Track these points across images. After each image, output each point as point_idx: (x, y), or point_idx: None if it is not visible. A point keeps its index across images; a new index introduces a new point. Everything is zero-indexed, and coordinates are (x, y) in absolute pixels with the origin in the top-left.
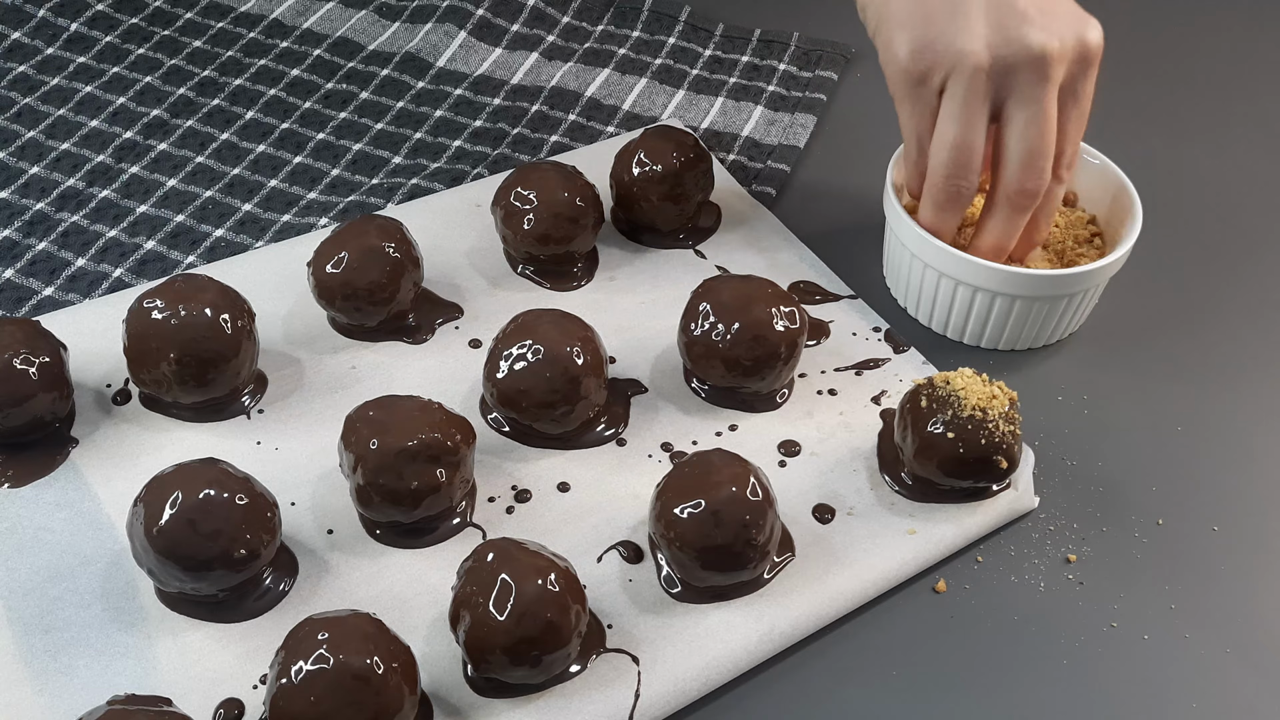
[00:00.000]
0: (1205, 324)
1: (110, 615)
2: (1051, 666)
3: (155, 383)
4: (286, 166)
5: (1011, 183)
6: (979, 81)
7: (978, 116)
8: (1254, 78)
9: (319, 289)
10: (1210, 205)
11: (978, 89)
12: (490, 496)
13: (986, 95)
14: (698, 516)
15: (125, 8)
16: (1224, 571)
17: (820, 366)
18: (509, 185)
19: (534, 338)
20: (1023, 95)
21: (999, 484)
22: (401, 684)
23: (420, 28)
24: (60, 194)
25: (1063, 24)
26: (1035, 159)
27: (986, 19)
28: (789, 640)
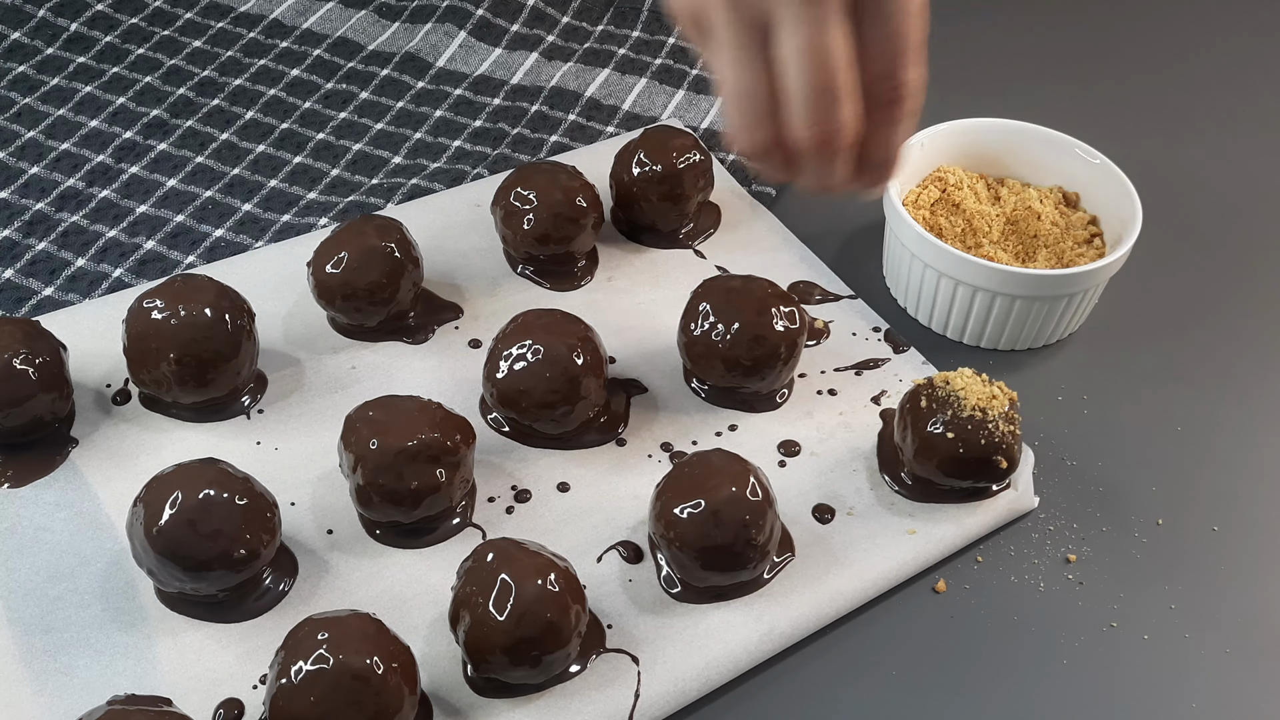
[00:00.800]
0: (1205, 324)
1: (110, 615)
2: (1051, 666)
3: (155, 383)
4: (286, 166)
5: (794, 129)
6: (730, 12)
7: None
8: (1254, 78)
9: (319, 289)
10: (1210, 205)
11: (733, 21)
12: (490, 496)
13: (751, 26)
14: (698, 516)
15: (125, 8)
16: (1224, 571)
17: (820, 366)
18: (509, 185)
19: (534, 338)
20: (786, 21)
21: (999, 484)
22: (401, 684)
23: (420, 28)
24: (60, 194)
25: None
26: (810, 99)
27: None
28: (789, 640)
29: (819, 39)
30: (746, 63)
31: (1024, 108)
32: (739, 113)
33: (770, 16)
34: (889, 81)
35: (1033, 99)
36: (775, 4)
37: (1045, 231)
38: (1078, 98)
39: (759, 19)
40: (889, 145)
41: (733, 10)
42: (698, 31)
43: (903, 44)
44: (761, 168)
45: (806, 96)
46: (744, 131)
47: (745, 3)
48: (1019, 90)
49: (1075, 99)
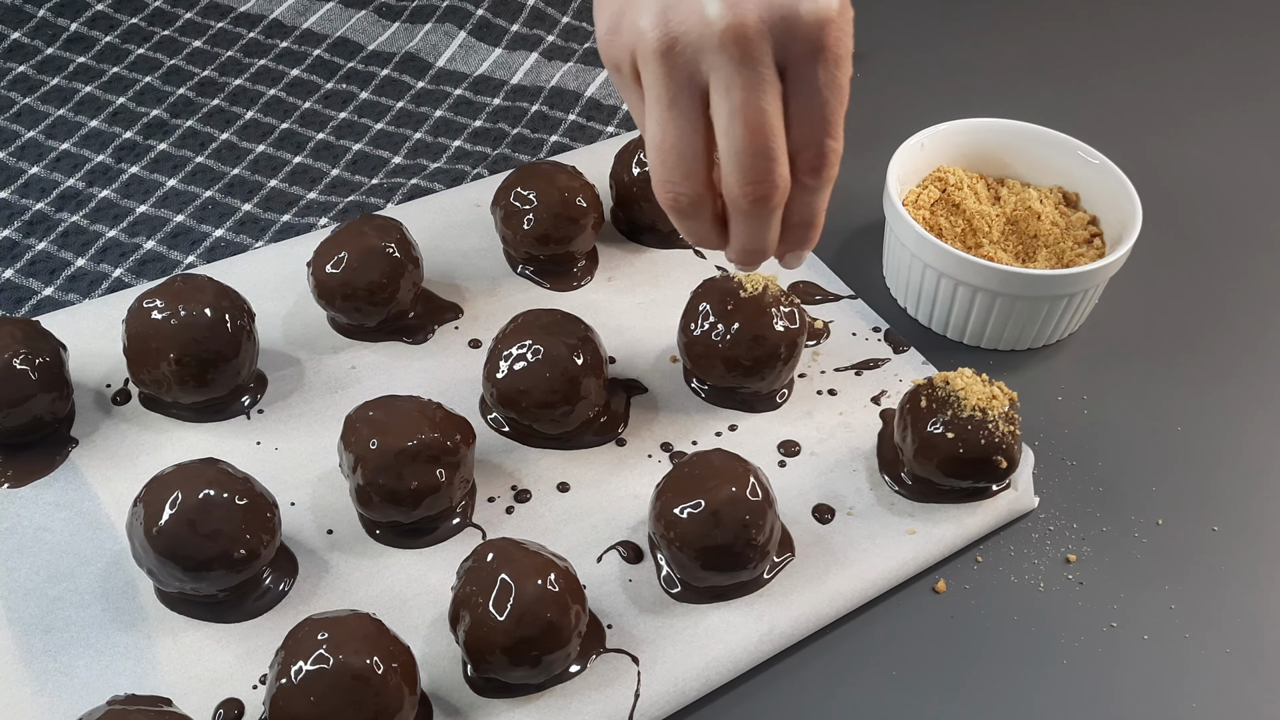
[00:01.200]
0: (1205, 324)
1: (110, 615)
2: (1051, 666)
3: (155, 383)
4: (286, 166)
5: (730, 187)
6: (662, 68)
7: (672, 110)
8: (1254, 78)
9: (319, 289)
10: (1210, 205)
11: (664, 77)
12: (490, 496)
13: (683, 83)
14: (698, 516)
15: (125, 8)
16: (1224, 571)
17: (820, 366)
18: (509, 185)
19: (534, 338)
20: (719, 82)
21: (999, 484)
22: (401, 684)
23: (420, 28)
24: (60, 194)
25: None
26: (746, 159)
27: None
28: (789, 640)
29: (755, 103)
30: (675, 119)
31: (1024, 108)
32: (666, 166)
33: (704, 76)
34: (813, 150)
35: (1033, 99)
36: (709, 65)
37: (1045, 231)
38: (1078, 98)
39: (694, 77)
40: (810, 209)
41: (667, 66)
42: (628, 82)
43: (829, 115)
44: (685, 226)
45: (742, 157)
46: (668, 185)
47: (680, 61)
48: (1019, 90)
49: (1075, 99)
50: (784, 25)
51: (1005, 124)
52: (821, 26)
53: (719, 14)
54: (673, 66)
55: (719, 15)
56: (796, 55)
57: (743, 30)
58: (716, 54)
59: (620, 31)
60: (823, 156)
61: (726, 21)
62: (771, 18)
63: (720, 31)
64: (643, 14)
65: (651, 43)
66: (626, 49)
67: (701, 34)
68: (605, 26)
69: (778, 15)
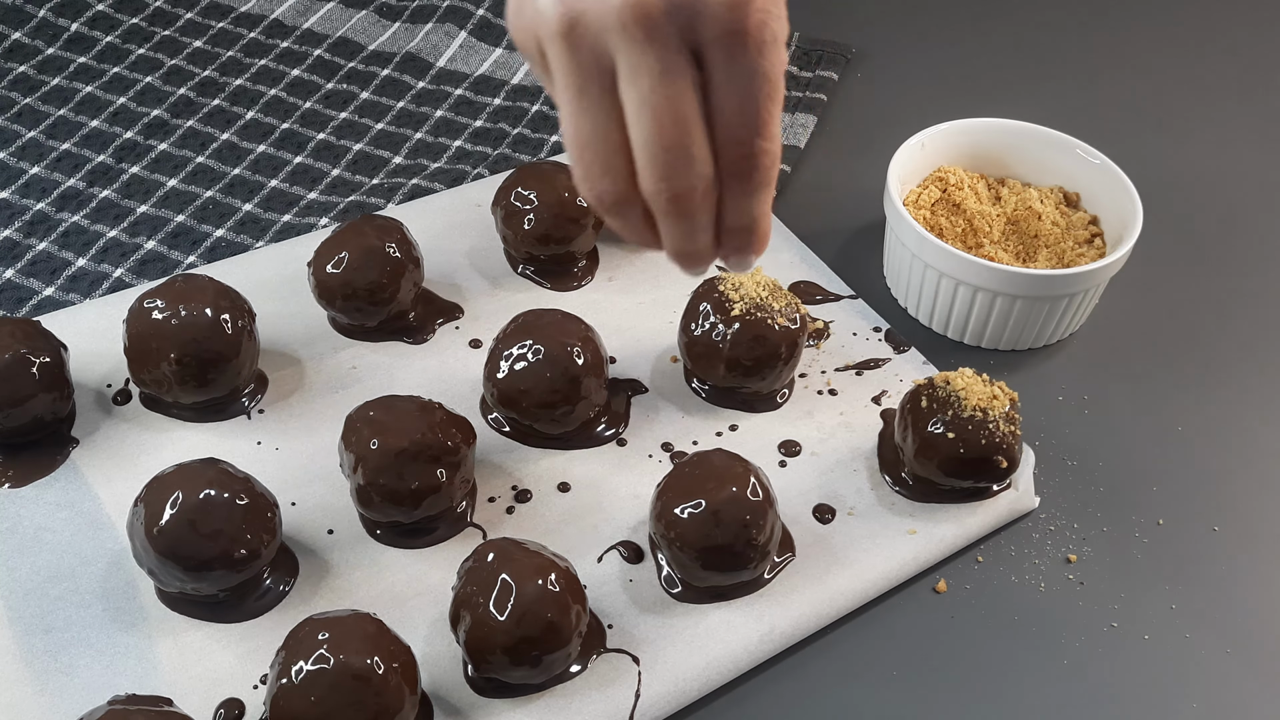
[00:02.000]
0: (1205, 324)
1: (111, 615)
2: (1052, 666)
3: (156, 383)
4: (287, 167)
5: (644, 183)
6: (565, 52)
7: (582, 99)
8: (1254, 78)
9: (319, 289)
10: (1210, 205)
11: (569, 62)
12: (490, 496)
13: (590, 69)
14: (698, 516)
15: (125, 8)
16: (1224, 571)
17: (820, 366)
18: (509, 185)
19: (534, 338)
20: (623, 66)
21: (999, 484)
22: (402, 684)
23: (421, 28)
24: (61, 194)
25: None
26: (657, 154)
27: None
28: (789, 640)
29: (663, 90)
30: (587, 108)
31: (1024, 108)
32: (584, 162)
33: (611, 59)
34: (738, 149)
35: (1033, 99)
36: (614, 46)
37: (1046, 231)
38: (1078, 98)
39: (600, 60)
40: (745, 213)
41: (570, 49)
42: (539, 68)
43: (755, 111)
44: (616, 225)
45: (653, 152)
46: (588, 182)
47: (584, 43)
48: (1019, 90)
49: (1075, 99)
50: (692, 6)
51: (1006, 124)
52: (735, 8)
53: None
54: (576, 50)
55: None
56: (709, 39)
57: (643, 8)
58: (618, 35)
59: (524, 12)
60: (750, 158)
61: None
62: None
63: (619, 8)
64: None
65: (551, 23)
66: (531, 31)
67: (601, 12)
68: (513, 7)
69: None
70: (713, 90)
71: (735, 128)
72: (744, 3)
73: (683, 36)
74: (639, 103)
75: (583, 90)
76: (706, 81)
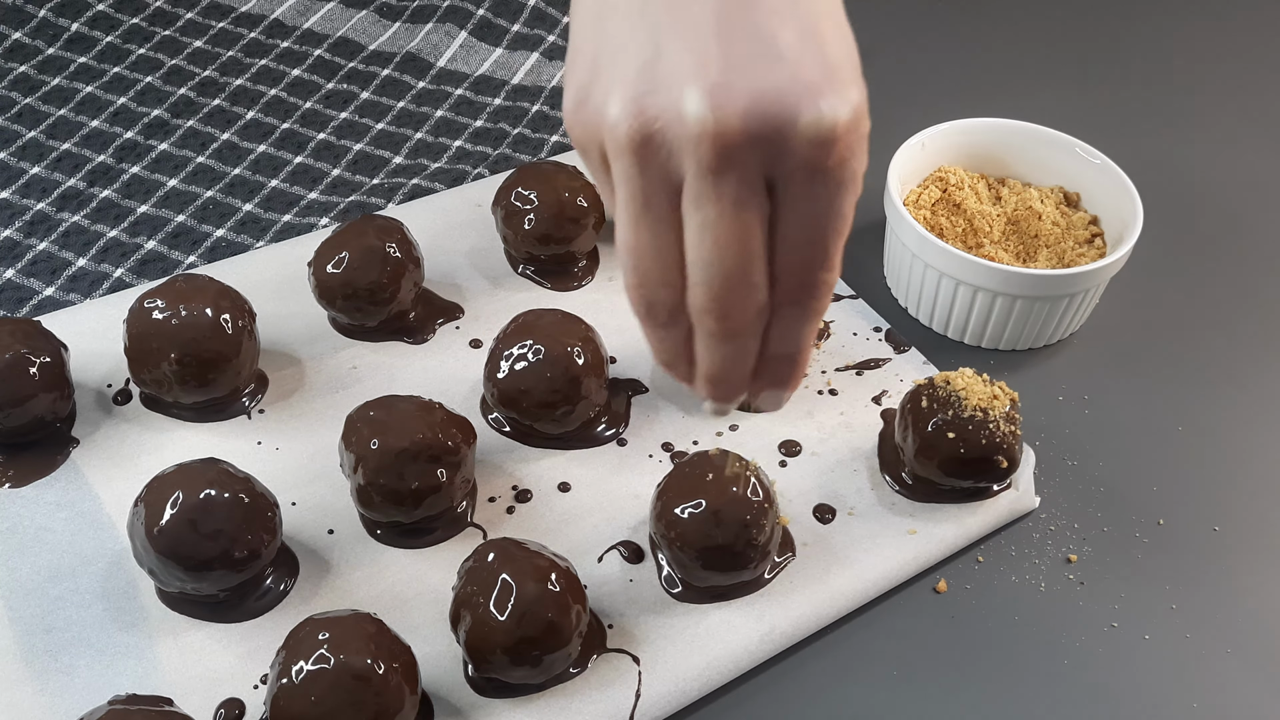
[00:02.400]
0: (1205, 324)
1: (111, 615)
2: (1052, 666)
3: (156, 383)
4: (287, 167)
5: (694, 302)
6: (634, 166)
7: (647, 212)
8: (1254, 77)
9: (320, 289)
10: (1210, 206)
11: (636, 176)
12: (491, 496)
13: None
14: (699, 516)
15: (126, 8)
16: (1224, 572)
17: (821, 366)
18: (510, 185)
19: (535, 338)
20: (690, 188)
21: (1000, 484)
22: (402, 684)
23: (421, 28)
24: (61, 194)
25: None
26: (715, 278)
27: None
28: (789, 640)
29: (730, 221)
30: (650, 223)
31: (1024, 108)
32: (640, 270)
33: (679, 174)
34: (799, 278)
35: (1033, 99)
36: (686, 168)
37: (1046, 231)
38: (1078, 98)
39: (670, 178)
40: (793, 340)
41: (639, 165)
42: (596, 166)
43: (823, 244)
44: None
45: (709, 275)
46: (642, 290)
47: (655, 160)
48: (1019, 90)
49: (1075, 99)
50: (776, 138)
51: (1006, 124)
52: (822, 145)
53: (698, 113)
54: (645, 166)
55: (698, 115)
56: (788, 173)
57: (723, 140)
58: (692, 158)
59: (586, 109)
60: (811, 287)
61: (705, 126)
62: (762, 127)
63: (697, 135)
64: (612, 95)
65: (623, 137)
66: (594, 133)
67: (678, 133)
68: (572, 100)
69: (770, 125)
70: (781, 218)
71: (799, 259)
72: (830, 141)
73: (759, 166)
74: (701, 226)
75: (648, 204)
76: (775, 208)
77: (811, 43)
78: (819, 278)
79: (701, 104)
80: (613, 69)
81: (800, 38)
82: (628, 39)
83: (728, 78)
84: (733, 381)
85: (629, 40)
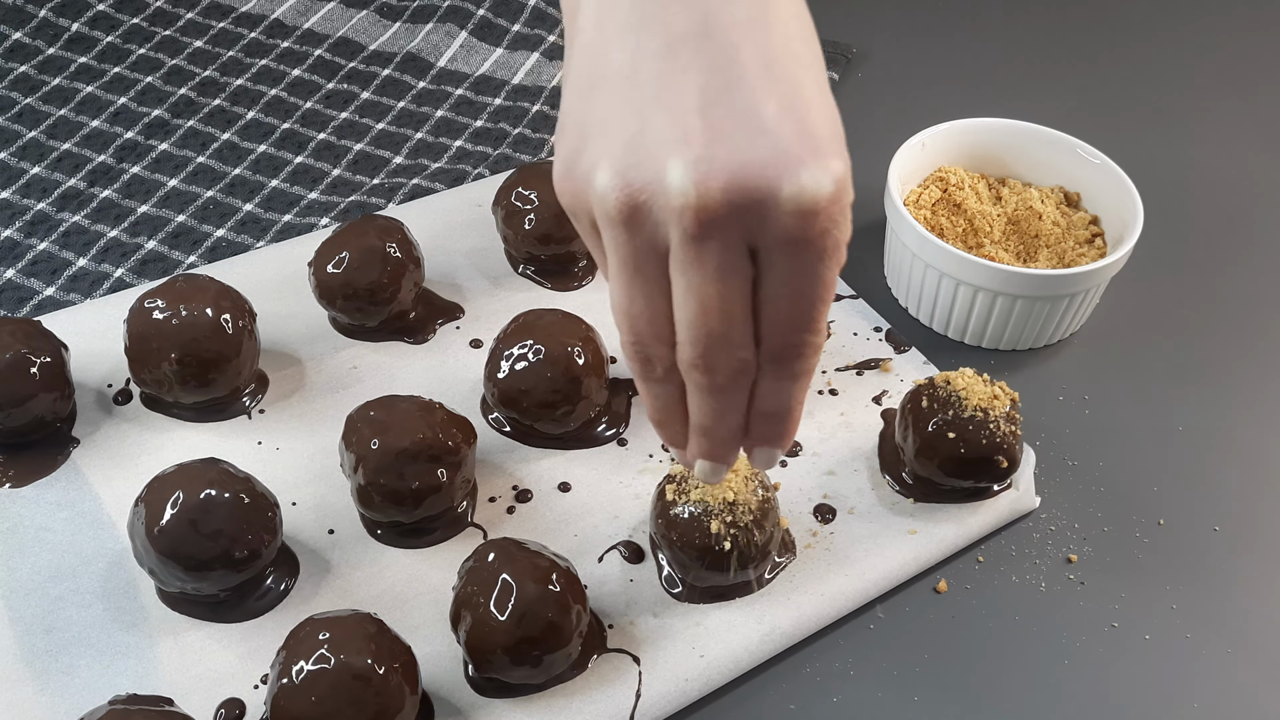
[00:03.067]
0: (1206, 324)
1: (111, 615)
2: (1052, 666)
3: (156, 383)
4: (287, 167)
5: (682, 357)
6: (622, 235)
7: (638, 277)
8: (1254, 77)
9: (320, 289)
10: (1210, 206)
11: (625, 244)
12: (491, 496)
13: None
14: (699, 516)
15: (126, 8)
16: (1225, 571)
17: (821, 366)
18: (510, 185)
19: (535, 337)
20: (675, 256)
21: (1000, 484)
22: (402, 684)
23: (421, 28)
24: (61, 194)
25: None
26: (699, 337)
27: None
28: (790, 640)
29: (713, 287)
30: (644, 285)
31: (1025, 108)
32: (635, 330)
33: (667, 245)
34: (785, 340)
35: (1033, 99)
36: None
37: (1046, 231)
38: (1078, 98)
39: (657, 246)
40: (781, 400)
41: (628, 235)
42: (587, 231)
43: (805, 312)
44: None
45: (694, 335)
46: (638, 348)
47: (643, 230)
48: (1019, 90)
49: (1076, 99)
50: (758, 209)
51: (1006, 124)
52: (803, 216)
53: (681, 186)
54: (634, 235)
55: (681, 188)
56: (771, 243)
57: (705, 212)
58: (675, 226)
59: (574, 178)
60: (795, 348)
61: (688, 198)
62: (744, 199)
63: (680, 207)
64: (600, 165)
65: (611, 207)
66: (583, 201)
67: (663, 205)
68: (561, 166)
69: (752, 197)
70: (764, 284)
71: (783, 322)
72: (811, 213)
73: (742, 235)
74: (686, 289)
75: (638, 270)
76: (759, 274)
77: (794, 115)
78: (803, 339)
79: (685, 177)
80: (600, 139)
81: (783, 110)
82: (615, 110)
83: (710, 150)
84: (722, 437)
85: (617, 112)
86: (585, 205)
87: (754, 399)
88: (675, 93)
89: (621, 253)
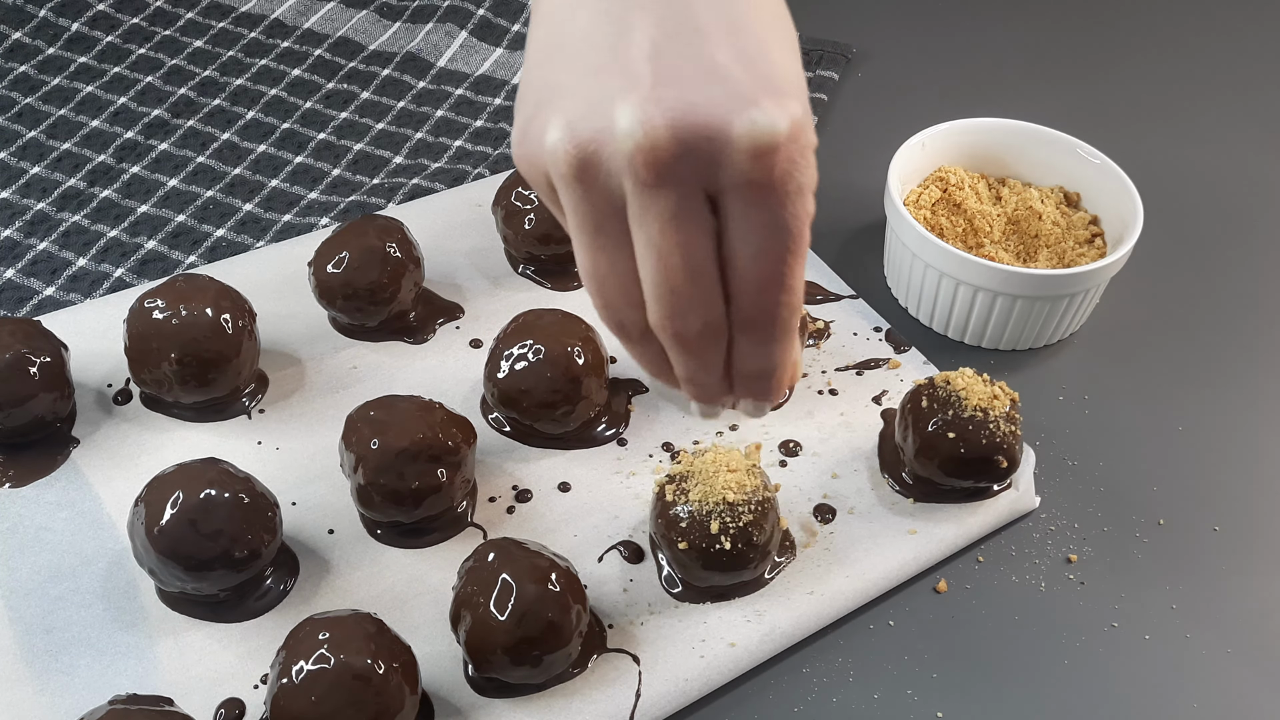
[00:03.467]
0: (1206, 324)
1: (111, 615)
2: (1052, 666)
3: (156, 383)
4: (287, 166)
5: (651, 318)
6: (577, 192)
7: (599, 238)
8: (1254, 77)
9: (320, 289)
10: (1210, 206)
11: (582, 202)
12: (491, 496)
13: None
14: (699, 517)
15: (126, 8)
16: (1225, 572)
17: (821, 366)
18: (510, 185)
19: (535, 337)
20: (632, 208)
21: (1000, 484)
22: (402, 684)
23: (421, 28)
24: (61, 194)
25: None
26: (663, 294)
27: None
28: (789, 640)
29: (671, 236)
30: (603, 245)
31: (1025, 108)
32: (605, 294)
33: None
34: (754, 300)
35: (1033, 99)
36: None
37: (1046, 231)
38: (1078, 98)
39: (614, 200)
40: (761, 361)
41: (583, 191)
42: (547, 197)
43: (773, 265)
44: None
45: (659, 293)
46: (609, 311)
47: (596, 184)
48: (1019, 90)
49: (1075, 99)
50: (710, 149)
51: (1006, 124)
52: (760, 155)
53: (629, 128)
54: (589, 191)
55: (629, 130)
56: (729, 188)
57: (655, 153)
58: (628, 176)
59: (528, 142)
60: (768, 309)
61: (635, 140)
62: (694, 138)
63: (630, 151)
64: (551, 122)
65: (561, 163)
66: (538, 164)
67: (612, 152)
68: (517, 134)
69: (702, 135)
70: (729, 238)
71: (750, 280)
72: (768, 151)
73: (699, 180)
74: (645, 244)
75: (599, 229)
76: (723, 227)
77: (748, 60)
78: (776, 299)
79: (632, 118)
80: (552, 102)
81: (737, 57)
82: (570, 74)
83: (658, 91)
84: (708, 385)
85: (571, 75)
86: (541, 168)
87: (735, 359)
88: (627, 49)
89: (579, 211)
